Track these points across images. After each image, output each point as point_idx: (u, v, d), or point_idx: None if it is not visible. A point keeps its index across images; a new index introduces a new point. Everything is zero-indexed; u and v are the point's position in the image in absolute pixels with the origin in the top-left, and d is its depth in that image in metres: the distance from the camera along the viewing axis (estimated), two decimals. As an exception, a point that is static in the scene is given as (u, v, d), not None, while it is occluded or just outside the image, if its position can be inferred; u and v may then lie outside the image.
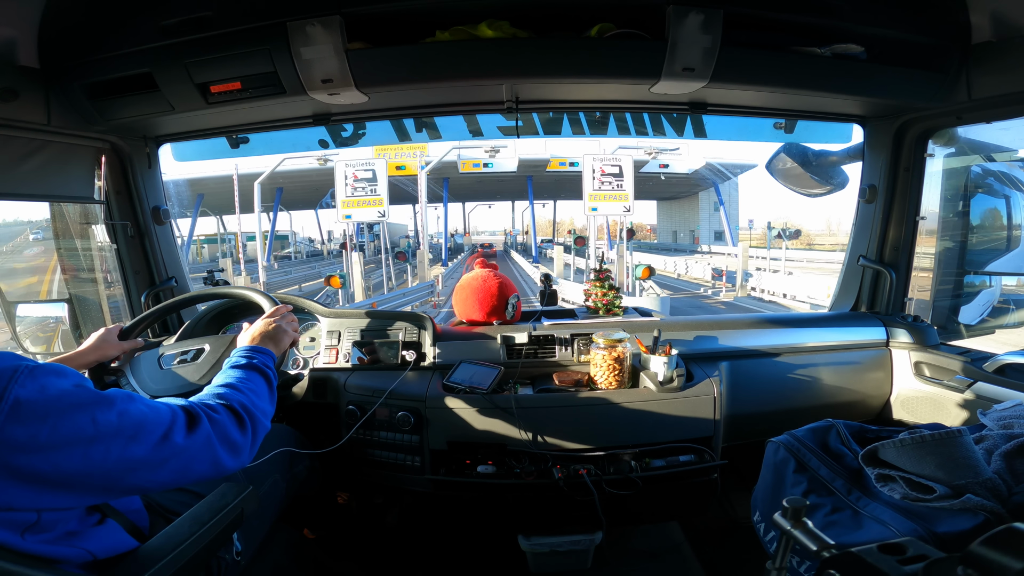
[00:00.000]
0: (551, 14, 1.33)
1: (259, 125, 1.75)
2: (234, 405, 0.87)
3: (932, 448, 0.92)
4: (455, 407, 1.44)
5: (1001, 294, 2.05)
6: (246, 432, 0.86)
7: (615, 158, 12.32)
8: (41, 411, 0.63)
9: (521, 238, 49.83)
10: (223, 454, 0.81)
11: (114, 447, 0.68)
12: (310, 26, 1.23)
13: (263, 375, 1.01)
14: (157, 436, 0.73)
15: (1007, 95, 1.38)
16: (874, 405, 1.76)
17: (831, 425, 1.17)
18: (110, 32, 1.33)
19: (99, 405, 0.69)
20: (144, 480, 0.73)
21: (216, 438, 0.80)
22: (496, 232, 78.56)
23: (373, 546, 1.76)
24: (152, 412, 0.75)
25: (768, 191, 76.02)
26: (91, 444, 0.66)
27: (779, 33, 1.33)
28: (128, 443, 0.69)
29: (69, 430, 0.64)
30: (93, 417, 0.67)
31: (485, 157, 18.97)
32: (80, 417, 0.66)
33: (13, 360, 0.64)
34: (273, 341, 1.14)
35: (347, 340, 1.67)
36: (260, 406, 0.93)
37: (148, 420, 0.73)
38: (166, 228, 1.90)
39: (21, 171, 1.43)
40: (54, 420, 0.64)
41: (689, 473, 1.42)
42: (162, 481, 0.75)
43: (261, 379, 1.00)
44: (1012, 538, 0.42)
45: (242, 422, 0.86)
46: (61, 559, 0.71)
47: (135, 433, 0.71)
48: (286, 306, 1.27)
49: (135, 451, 0.70)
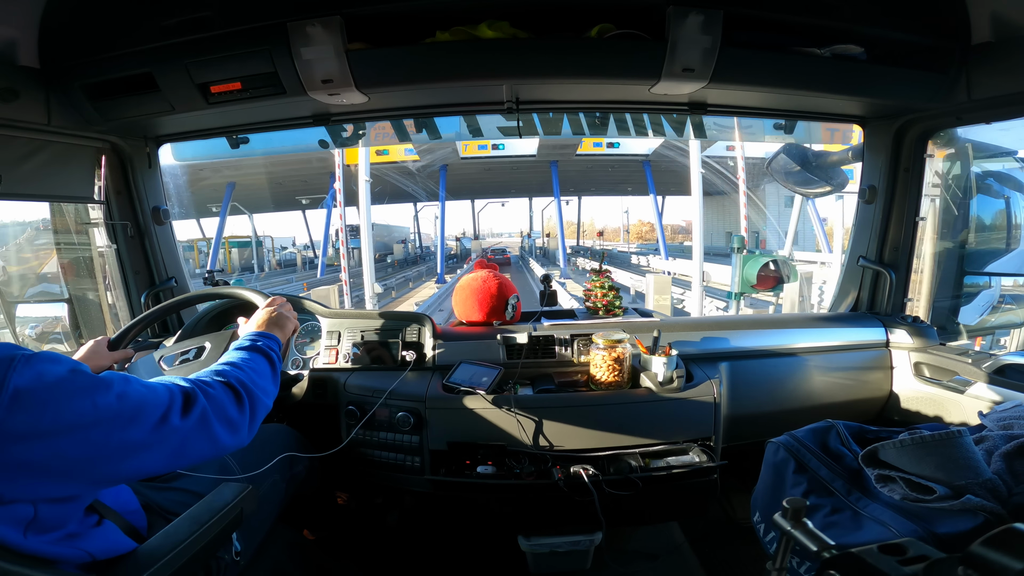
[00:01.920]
0: (551, 15, 1.33)
1: (259, 125, 1.75)
2: (231, 382, 0.87)
3: (932, 449, 0.92)
4: (455, 407, 1.44)
5: (1001, 295, 2.06)
6: (243, 409, 0.85)
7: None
8: (41, 398, 0.63)
9: (541, 242, 42.71)
10: (220, 431, 0.80)
11: (114, 430, 0.68)
12: (310, 26, 1.23)
13: (266, 356, 1.01)
14: (156, 417, 0.73)
15: (1007, 95, 1.38)
16: (874, 406, 1.76)
17: (831, 426, 1.17)
18: (110, 32, 1.33)
19: (98, 389, 0.69)
20: (144, 463, 0.73)
21: (213, 414, 0.80)
22: (511, 235, 69.73)
23: (373, 546, 1.76)
24: (150, 393, 0.75)
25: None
26: (92, 428, 0.66)
27: (779, 34, 1.33)
28: (127, 426, 0.70)
29: (70, 416, 0.65)
30: (94, 401, 0.67)
31: (495, 137, 14.24)
32: (81, 402, 0.66)
33: (9, 350, 0.65)
34: (277, 326, 1.14)
35: (347, 340, 1.67)
36: (261, 384, 0.93)
37: (147, 401, 0.73)
38: (166, 228, 1.90)
39: (22, 171, 1.43)
40: (55, 406, 0.64)
41: (689, 474, 1.42)
42: (161, 462, 0.75)
43: (263, 359, 1.00)
44: (1012, 538, 0.42)
45: (240, 399, 0.85)
46: (60, 559, 0.71)
47: (134, 415, 0.71)
48: (281, 296, 1.29)
49: (134, 434, 0.70)
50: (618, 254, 32.80)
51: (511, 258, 35.46)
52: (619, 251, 35.97)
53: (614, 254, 32.79)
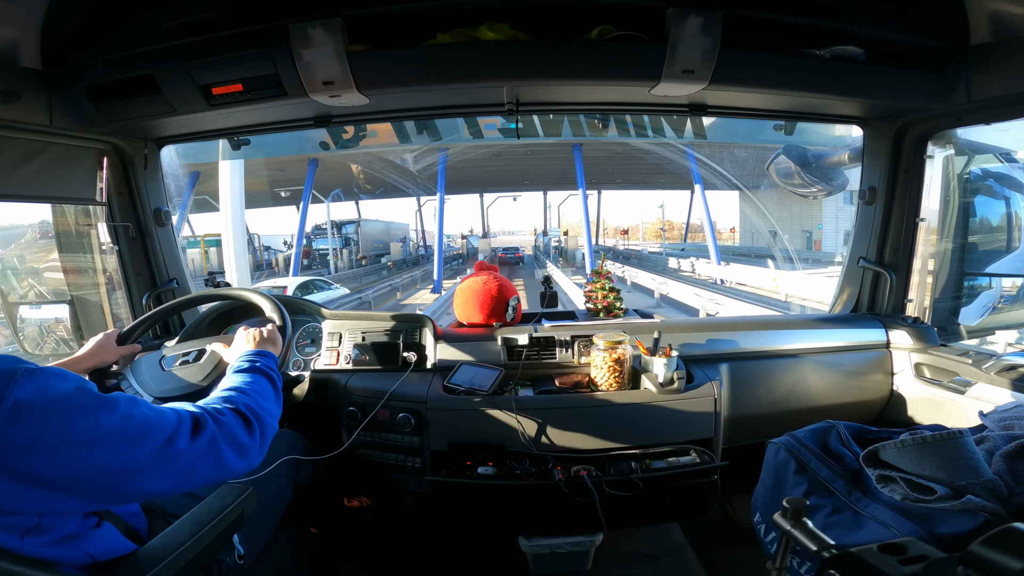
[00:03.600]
0: (551, 16, 1.33)
1: (260, 127, 1.75)
2: (240, 408, 0.87)
3: (933, 449, 0.92)
4: (456, 408, 1.44)
5: (1001, 295, 2.05)
6: (253, 434, 0.86)
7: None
8: (42, 413, 0.63)
9: (557, 241, 36.88)
10: (230, 456, 0.81)
11: (118, 450, 0.68)
12: (311, 28, 1.24)
13: (267, 376, 1.02)
14: (161, 440, 0.73)
15: (1006, 96, 1.38)
16: (874, 406, 1.76)
17: (831, 426, 1.17)
18: (112, 34, 1.34)
19: (103, 408, 0.69)
20: (149, 484, 0.72)
21: (222, 440, 0.80)
22: (524, 232, 63.89)
23: (374, 547, 1.76)
24: (157, 416, 0.75)
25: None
26: (94, 447, 0.66)
27: (778, 35, 1.33)
28: (132, 446, 0.69)
29: (72, 433, 0.64)
30: (96, 420, 0.67)
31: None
32: (83, 420, 0.66)
33: (12, 363, 0.65)
34: (271, 343, 1.16)
35: (348, 342, 1.67)
36: (267, 407, 0.93)
37: (153, 424, 0.73)
38: (167, 230, 1.90)
39: (23, 172, 1.44)
40: (56, 422, 0.64)
41: (689, 474, 1.42)
42: (167, 485, 0.75)
43: (265, 381, 1.01)
44: (1012, 538, 0.42)
45: (249, 424, 0.86)
46: (61, 561, 0.71)
47: (139, 436, 0.70)
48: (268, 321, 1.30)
49: (139, 454, 0.70)
50: (649, 255, 29.79)
51: (523, 257, 33.10)
52: (650, 252, 31.94)
53: (644, 255, 30.03)
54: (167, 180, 1.91)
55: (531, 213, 69.98)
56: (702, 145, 15.10)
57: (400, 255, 32.26)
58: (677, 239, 42.85)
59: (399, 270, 27.54)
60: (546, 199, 40.53)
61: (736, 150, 15.46)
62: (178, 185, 2.50)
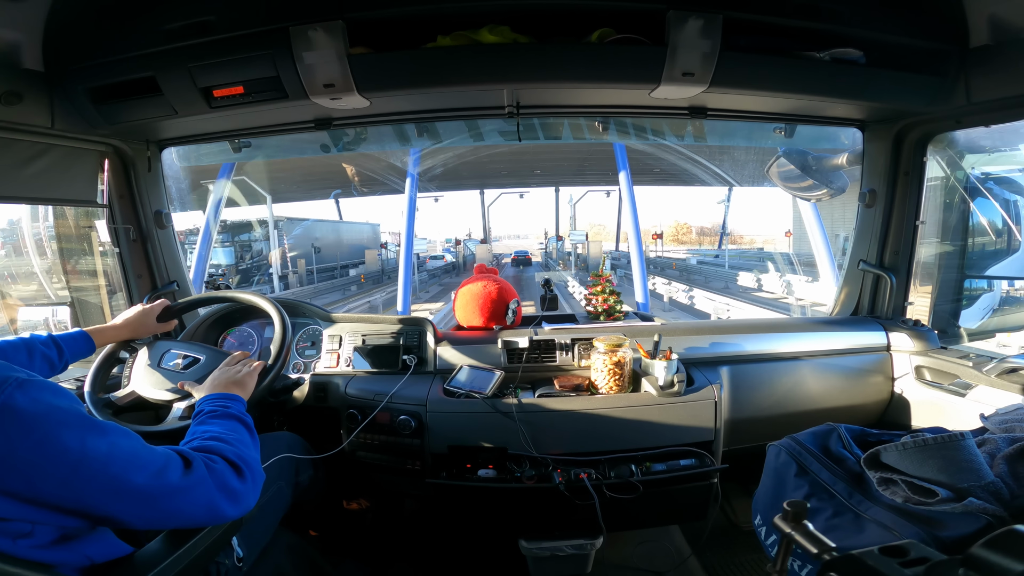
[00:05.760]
0: (552, 19, 1.33)
1: (261, 129, 1.75)
2: (230, 457, 0.85)
3: (934, 451, 0.91)
4: (456, 411, 1.44)
5: (1001, 298, 2.05)
6: (245, 481, 0.84)
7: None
8: (25, 425, 0.62)
9: (571, 247, 29.96)
10: (222, 502, 0.79)
11: (99, 474, 0.67)
12: (312, 31, 1.24)
13: (242, 423, 0.99)
14: (148, 472, 0.71)
15: (1006, 98, 1.38)
16: (875, 409, 1.76)
17: (832, 429, 1.17)
18: (114, 36, 1.34)
19: (92, 431, 0.68)
20: (126, 512, 0.70)
21: (214, 486, 0.78)
22: (529, 236, 57.17)
23: (374, 550, 1.76)
24: (146, 452, 0.74)
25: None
26: (77, 466, 0.65)
27: (778, 38, 1.33)
28: (120, 473, 0.68)
29: (55, 449, 0.64)
30: (83, 441, 0.66)
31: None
32: (69, 437, 0.65)
33: (5, 371, 0.65)
34: (239, 386, 1.11)
35: (348, 344, 1.67)
36: (252, 455, 0.91)
37: (139, 457, 0.72)
38: (168, 232, 1.91)
39: (25, 174, 1.44)
40: (39, 436, 0.63)
41: (690, 477, 1.41)
42: (146, 517, 0.73)
43: (243, 428, 0.98)
44: (1013, 540, 0.41)
45: (240, 472, 0.84)
46: (58, 563, 0.71)
47: (125, 466, 0.69)
48: (244, 352, 1.26)
49: (123, 483, 0.69)
50: (696, 266, 22.29)
51: (533, 262, 29.99)
52: (698, 262, 23.84)
53: (690, 265, 22.90)
54: (167, 182, 1.92)
55: (542, 215, 61.98)
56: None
57: (377, 266, 26.03)
58: (696, 243, 39.10)
59: (377, 284, 22.11)
60: (557, 195, 34.28)
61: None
62: (178, 187, 2.49)
